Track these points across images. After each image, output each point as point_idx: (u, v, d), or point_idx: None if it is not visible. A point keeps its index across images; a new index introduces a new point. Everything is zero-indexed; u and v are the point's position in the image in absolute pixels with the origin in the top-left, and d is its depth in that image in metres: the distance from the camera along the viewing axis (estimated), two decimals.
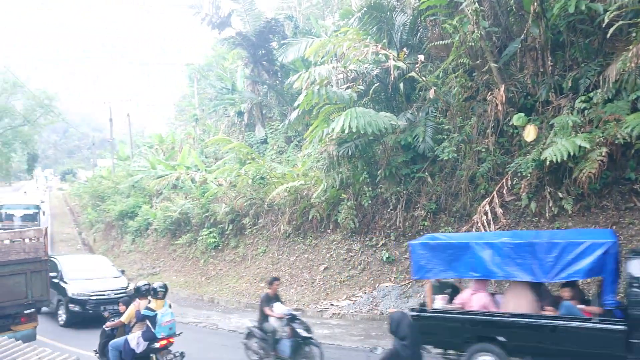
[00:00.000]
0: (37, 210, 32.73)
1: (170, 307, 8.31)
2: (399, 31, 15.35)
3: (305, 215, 16.74)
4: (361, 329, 11.93)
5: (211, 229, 19.97)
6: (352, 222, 15.00)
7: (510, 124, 12.23)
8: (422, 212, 13.75)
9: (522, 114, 11.86)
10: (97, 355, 8.46)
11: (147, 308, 7.88)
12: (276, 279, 9.81)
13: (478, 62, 12.97)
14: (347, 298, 13.88)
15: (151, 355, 7.71)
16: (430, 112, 14.46)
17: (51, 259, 14.48)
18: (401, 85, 14.92)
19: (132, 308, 8.15)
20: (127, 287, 14.05)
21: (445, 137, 13.41)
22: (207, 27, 25.25)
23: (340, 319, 13.08)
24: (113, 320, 8.44)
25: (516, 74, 12.84)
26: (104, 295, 13.60)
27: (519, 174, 11.87)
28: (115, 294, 13.40)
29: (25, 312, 10.22)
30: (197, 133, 35.12)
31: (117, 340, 8.03)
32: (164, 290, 8.15)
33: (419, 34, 15.89)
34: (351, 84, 15.03)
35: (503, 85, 12.23)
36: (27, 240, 10.66)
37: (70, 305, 13.47)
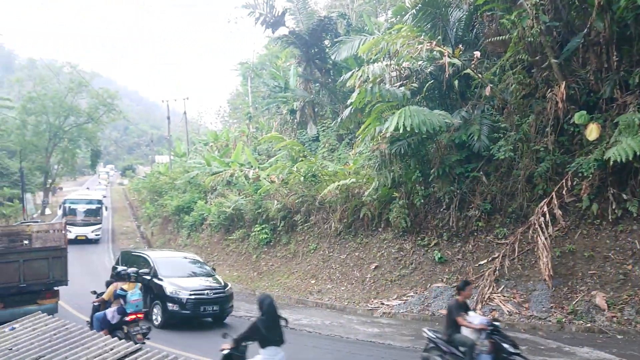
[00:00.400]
0: (99, 206, 33.62)
1: (140, 289, 9.97)
2: (454, 27, 15.07)
3: (356, 214, 16.73)
4: (412, 329, 11.81)
5: (263, 225, 20.31)
6: (404, 221, 14.86)
7: (571, 122, 11.77)
8: (476, 213, 13.46)
9: (584, 112, 11.39)
10: (89, 325, 9.43)
11: (121, 289, 9.49)
12: (468, 283, 8.32)
13: (537, 58, 12.52)
14: (397, 297, 13.78)
15: (123, 326, 9.23)
16: (486, 109, 14.12)
17: (141, 254, 14.40)
18: (456, 82, 14.63)
19: (112, 288, 9.78)
20: (225, 287, 13.23)
21: (502, 135, 13.05)
22: (261, 27, 25.66)
23: (391, 318, 13.01)
24: (98, 297, 10.06)
25: (578, 70, 12.33)
26: (203, 294, 12.64)
27: (580, 174, 11.40)
28: (214, 294, 12.76)
29: (49, 289, 12.70)
30: (251, 131, 35.79)
31: (99, 313, 9.53)
32: (135, 275, 9.92)
33: (475, 30, 15.54)
34: (404, 81, 14.87)
35: (564, 82, 11.77)
36: (51, 232, 13.64)
37: (169, 305, 12.37)
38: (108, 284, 10.04)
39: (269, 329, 6.20)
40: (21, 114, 49.47)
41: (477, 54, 13.36)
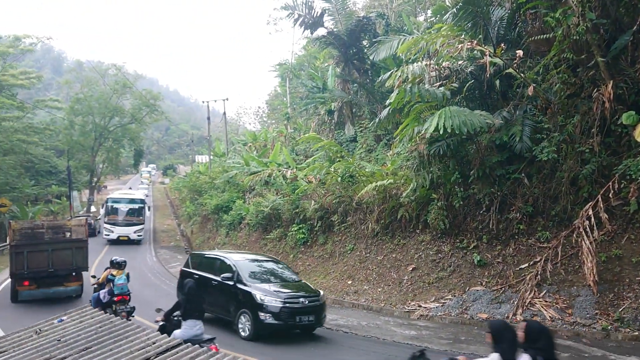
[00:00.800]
0: (142, 205, 33.28)
1: (127, 275, 11.79)
2: (495, 26, 14.76)
3: (393, 215, 16.62)
4: (450, 332, 11.66)
5: (301, 225, 20.43)
6: (442, 222, 14.67)
7: (619, 122, 11.35)
8: (518, 215, 13.16)
9: (633, 112, 10.97)
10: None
11: (111, 274, 11.48)
12: None
13: (583, 56, 12.13)
14: (435, 300, 13.62)
15: (112, 305, 11.07)
16: (528, 110, 13.78)
17: (219, 257, 13.07)
18: (497, 82, 14.34)
19: (105, 273, 11.82)
20: (318, 295, 11.86)
21: (545, 136, 12.71)
22: (300, 28, 25.83)
23: (428, 320, 12.87)
24: (97, 280, 12.24)
25: (626, 68, 11.88)
26: (297, 302, 11.17)
27: (628, 177, 10.99)
28: (309, 302, 11.31)
29: (73, 273, 15.81)
30: (289, 131, 36.06)
31: (95, 294, 11.70)
32: (123, 263, 11.63)
33: (517, 28, 15.19)
34: (444, 81, 14.67)
35: (611, 81, 11.36)
36: (75, 227, 17.09)
37: (260, 315, 10.92)
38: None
39: (189, 306, 8.02)
40: (69, 114, 51.40)
41: (520, 53, 13.03)
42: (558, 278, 11.89)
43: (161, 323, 8.26)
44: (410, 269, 15.14)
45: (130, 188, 58.04)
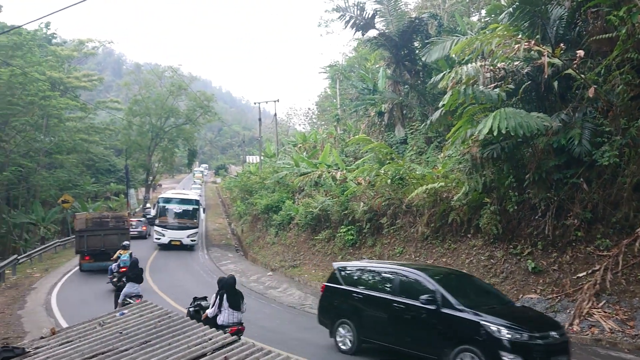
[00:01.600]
0: (196, 207, 30.56)
1: (130, 255, 15.99)
2: (554, 25, 14.28)
3: (444, 218, 16.38)
4: None
5: (349, 227, 20.45)
6: (495, 227, 14.33)
7: None
8: (575, 221, 12.68)
9: None
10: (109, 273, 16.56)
11: (120, 253, 16.62)
12: None
13: None
14: None
15: (118, 276, 15.46)
16: (588, 112, 13.24)
17: (396, 270, 9.95)
18: (555, 83, 13.86)
19: (117, 253, 16.97)
20: (562, 327, 9.07)
21: (606, 140, 12.19)
22: (351, 30, 25.82)
23: None
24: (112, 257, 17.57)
25: None
26: (548, 338, 8.05)
27: None
28: (560, 336, 8.25)
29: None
30: (338, 132, 36.14)
31: (110, 266, 16.41)
32: (127, 246, 16.97)
33: (577, 27, 14.63)
34: (499, 83, 14.31)
35: None
36: (119, 220, 22.95)
37: (503, 356, 7.70)
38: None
39: (133, 274, 12.89)
40: (128, 115, 53.56)
41: (580, 53, 12.55)
42: (619, 288, 11.38)
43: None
44: None
45: (183, 189, 59.57)
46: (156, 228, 29.89)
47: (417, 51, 24.38)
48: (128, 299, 12.08)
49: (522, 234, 14.04)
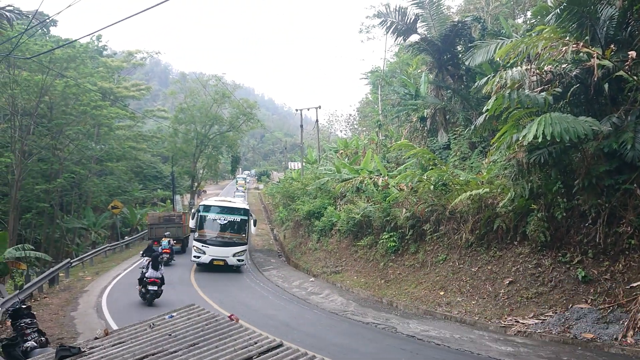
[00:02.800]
0: (245, 218, 25.00)
1: (169, 241, 25.34)
2: (604, 26, 13.82)
3: (489, 225, 16.05)
4: (550, 351, 11.04)
5: (391, 233, 20.32)
6: (543, 235, 13.94)
7: None
8: (628, 229, 12.19)
9: None
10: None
11: (160, 240, 24.48)
12: None
13: None
14: (534, 316, 12.96)
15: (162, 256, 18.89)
16: None
17: None
18: (606, 86, 13.40)
19: (163, 240, 24.95)
20: None
21: None
22: (392, 35, 25.77)
23: (526, 337, 12.27)
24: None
25: None
26: None
27: None
28: None
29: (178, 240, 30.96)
30: (380, 138, 36.02)
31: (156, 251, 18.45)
32: (168, 235, 26.37)
33: (629, 27, 14.09)
34: (546, 86, 13.96)
35: None
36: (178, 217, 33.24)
37: None
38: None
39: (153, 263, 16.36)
40: (174, 123, 55.06)
41: (633, 54, 12.07)
42: None
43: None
44: (507, 282, 14.52)
45: (227, 195, 60.43)
46: (195, 243, 24.44)
47: (460, 55, 24.08)
48: (146, 278, 16.05)
49: (572, 242, 13.60)
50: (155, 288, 15.78)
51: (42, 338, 9.62)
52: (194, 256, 24.20)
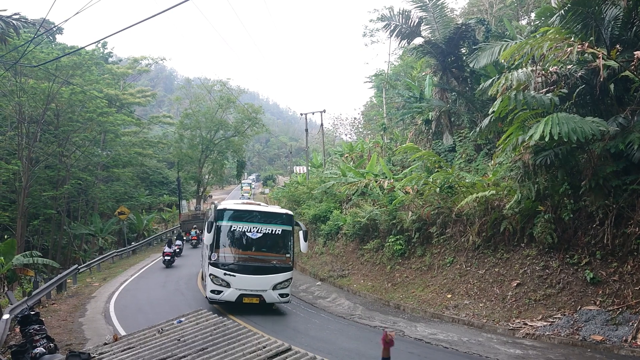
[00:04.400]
0: (289, 229, 16.44)
1: (195, 231, 37.45)
2: (609, 26, 13.79)
3: (496, 227, 16.00)
4: (559, 353, 10.98)
5: (398, 236, 20.28)
6: (550, 236, 13.88)
7: None
8: (637, 230, 12.11)
9: None
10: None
11: (192, 230, 36.74)
12: None
13: None
14: (542, 318, 12.89)
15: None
16: None
17: None
18: (611, 86, 13.36)
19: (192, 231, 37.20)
20: None
21: None
22: (396, 38, 25.78)
23: (535, 340, 12.21)
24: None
25: None
26: None
27: None
28: None
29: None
30: (385, 141, 36.00)
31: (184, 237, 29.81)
32: (195, 227, 37.83)
33: (634, 27, 14.04)
34: (552, 87, 13.93)
35: None
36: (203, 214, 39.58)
37: None
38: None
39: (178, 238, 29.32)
40: (179, 128, 55.28)
41: (638, 54, 12.03)
42: None
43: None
44: (515, 284, 14.46)
45: (232, 199, 60.56)
46: (212, 270, 15.46)
47: (464, 58, 24.07)
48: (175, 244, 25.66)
49: (579, 243, 13.53)
50: (168, 258, 27.76)
51: (51, 344, 9.66)
52: (211, 291, 15.22)
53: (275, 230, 16.22)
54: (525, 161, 14.13)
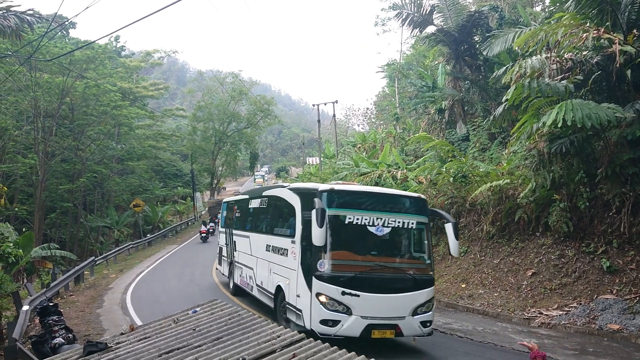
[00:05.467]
0: (423, 220, 10.68)
1: (217, 215, 33.69)
2: (625, 11, 13.49)
3: (510, 216, 15.88)
4: (575, 342, 10.91)
5: None
6: (566, 225, 13.75)
7: None
8: None
9: None
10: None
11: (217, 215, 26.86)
12: None
13: None
14: (558, 307, 12.80)
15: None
16: None
17: None
18: (628, 72, 13.10)
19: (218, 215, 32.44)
20: None
21: None
22: (408, 27, 25.56)
23: (550, 329, 12.14)
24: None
25: None
26: None
27: None
28: None
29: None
30: (398, 131, 35.81)
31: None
32: (218, 213, 31.26)
33: None
34: (566, 74, 13.73)
35: None
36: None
37: None
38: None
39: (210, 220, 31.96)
40: (192, 121, 55.55)
41: None
42: None
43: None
44: (530, 273, 14.37)
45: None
46: (321, 287, 9.54)
47: (477, 45, 23.79)
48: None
49: (595, 232, 13.39)
50: (204, 235, 35.05)
51: (70, 335, 9.83)
52: (322, 321, 9.49)
53: (409, 224, 10.39)
54: (540, 149, 13.98)
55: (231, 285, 16.68)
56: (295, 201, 10.87)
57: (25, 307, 11.77)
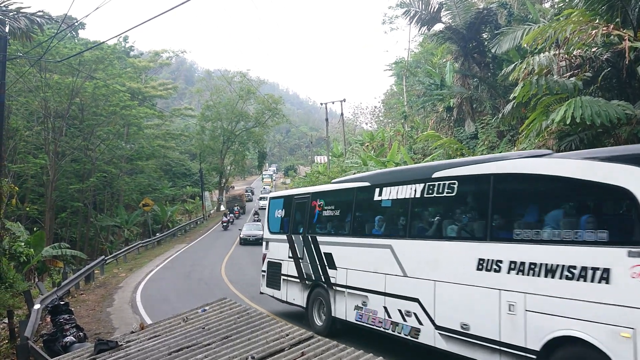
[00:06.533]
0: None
1: (237, 208, 53.57)
2: (635, 7, 13.36)
3: None
4: None
5: None
6: None
7: None
8: None
9: None
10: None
11: (233, 208, 48.38)
12: None
13: None
14: None
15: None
16: None
17: None
18: (638, 69, 13.01)
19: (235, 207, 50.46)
20: None
21: None
22: (416, 25, 25.49)
23: None
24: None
25: None
26: None
27: None
28: None
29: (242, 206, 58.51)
30: (406, 130, 35.76)
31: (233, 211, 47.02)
32: (236, 205, 54.78)
33: None
34: (575, 71, 13.64)
35: None
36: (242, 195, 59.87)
37: None
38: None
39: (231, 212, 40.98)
40: (200, 120, 55.76)
41: None
42: None
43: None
44: None
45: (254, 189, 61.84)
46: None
47: (486, 43, 23.68)
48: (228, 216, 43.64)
49: None
50: (225, 224, 42.19)
51: (81, 333, 9.93)
52: None
53: None
54: (549, 147, 13.88)
55: (321, 321, 10.63)
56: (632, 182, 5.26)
57: (37, 306, 11.90)
